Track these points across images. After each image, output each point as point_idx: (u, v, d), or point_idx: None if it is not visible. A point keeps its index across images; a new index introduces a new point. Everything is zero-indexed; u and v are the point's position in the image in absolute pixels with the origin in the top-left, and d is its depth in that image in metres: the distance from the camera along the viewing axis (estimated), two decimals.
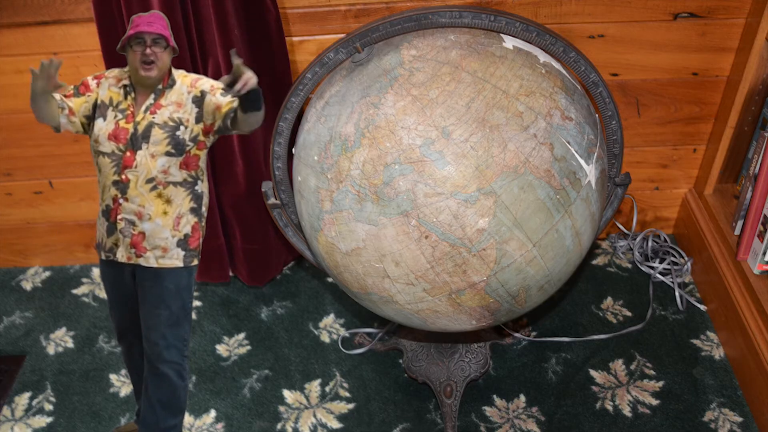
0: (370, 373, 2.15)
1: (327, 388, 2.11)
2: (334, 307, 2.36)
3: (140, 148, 1.66)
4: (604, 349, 2.17)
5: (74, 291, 2.49)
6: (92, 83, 1.71)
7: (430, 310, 1.63)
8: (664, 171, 2.38)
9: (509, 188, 1.49)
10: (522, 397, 2.05)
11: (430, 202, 1.50)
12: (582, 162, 1.58)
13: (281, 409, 2.07)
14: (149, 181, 1.67)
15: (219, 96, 1.68)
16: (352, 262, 1.62)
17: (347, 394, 2.09)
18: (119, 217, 1.69)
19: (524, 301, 1.64)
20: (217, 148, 2.13)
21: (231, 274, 2.42)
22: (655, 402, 2.02)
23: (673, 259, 2.41)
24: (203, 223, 1.78)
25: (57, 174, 2.36)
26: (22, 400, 2.14)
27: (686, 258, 2.40)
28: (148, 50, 1.61)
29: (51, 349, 2.28)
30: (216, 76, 1.99)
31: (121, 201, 1.68)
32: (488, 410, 2.03)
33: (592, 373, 2.10)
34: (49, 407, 2.11)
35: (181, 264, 1.75)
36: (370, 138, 1.54)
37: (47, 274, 2.56)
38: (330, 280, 2.43)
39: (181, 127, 1.67)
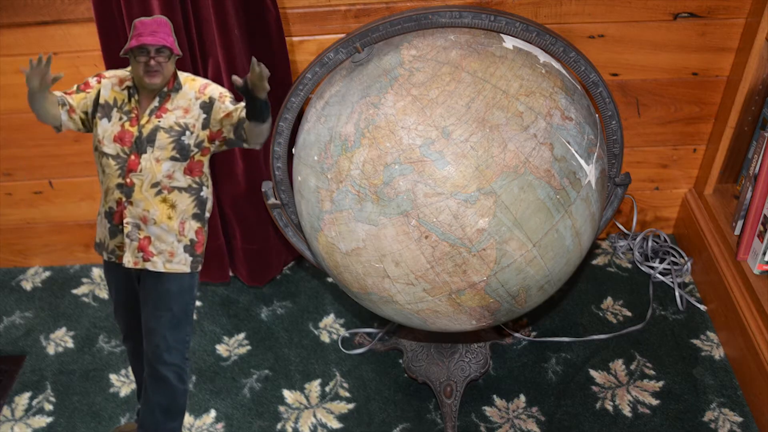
0: (370, 373, 2.15)
1: (327, 388, 2.11)
2: (334, 307, 2.36)
3: (145, 152, 1.65)
4: (604, 349, 2.17)
5: (74, 291, 2.49)
6: (92, 80, 1.70)
7: (430, 310, 1.63)
8: (664, 171, 2.38)
9: (509, 188, 1.49)
10: (522, 397, 2.05)
11: (430, 202, 1.50)
12: (582, 162, 1.58)
13: (281, 409, 2.06)
14: (154, 185, 1.66)
15: (228, 103, 1.67)
16: (352, 262, 1.62)
17: (347, 394, 2.09)
18: (125, 221, 1.68)
19: (524, 301, 1.64)
20: None
21: (231, 274, 2.42)
22: (655, 402, 2.02)
23: (673, 259, 2.41)
24: (206, 228, 1.79)
25: (57, 174, 2.36)
26: (22, 400, 2.13)
27: (686, 258, 2.39)
28: (152, 61, 1.58)
29: (51, 349, 2.28)
30: (216, 76, 1.99)
31: (125, 204, 1.67)
32: (488, 410, 2.03)
33: (592, 373, 2.10)
34: (49, 407, 2.11)
35: (188, 270, 1.75)
36: (370, 138, 1.54)
37: (47, 274, 2.56)
38: (330, 280, 2.43)
39: (187, 132, 1.66)
